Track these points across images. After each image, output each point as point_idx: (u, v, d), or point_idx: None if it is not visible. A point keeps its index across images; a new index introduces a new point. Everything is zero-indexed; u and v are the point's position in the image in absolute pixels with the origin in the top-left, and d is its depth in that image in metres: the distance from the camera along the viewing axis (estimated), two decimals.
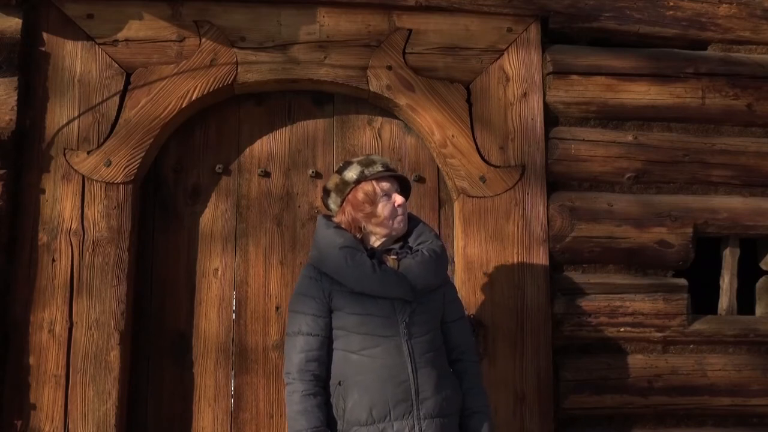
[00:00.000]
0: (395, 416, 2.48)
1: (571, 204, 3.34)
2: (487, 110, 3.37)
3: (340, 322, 2.57)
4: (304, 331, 2.56)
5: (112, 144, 3.15)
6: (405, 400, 2.49)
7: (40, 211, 3.10)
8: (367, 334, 2.54)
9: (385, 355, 2.52)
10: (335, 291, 2.58)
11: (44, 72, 3.18)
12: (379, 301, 2.56)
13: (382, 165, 2.68)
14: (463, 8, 3.38)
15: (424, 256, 2.64)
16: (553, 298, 3.28)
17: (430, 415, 2.50)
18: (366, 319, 2.55)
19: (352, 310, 2.56)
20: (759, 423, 3.36)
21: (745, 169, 3.46)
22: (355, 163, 2.69)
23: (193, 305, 3.24)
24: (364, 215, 2.63)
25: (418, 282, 2.59)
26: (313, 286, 2.60)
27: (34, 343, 3.01)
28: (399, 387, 2.50)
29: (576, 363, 3.26)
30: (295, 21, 3.31)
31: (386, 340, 2.53)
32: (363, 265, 2.56)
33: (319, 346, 2.56)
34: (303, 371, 2.53)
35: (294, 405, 2.51)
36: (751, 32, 3.56)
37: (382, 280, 2.56)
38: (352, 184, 2.65)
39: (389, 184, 2.66)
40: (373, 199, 2.62)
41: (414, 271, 2.60)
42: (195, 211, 3.30)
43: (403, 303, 2.57)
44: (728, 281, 3.45)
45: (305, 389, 2.52)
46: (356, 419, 2.49)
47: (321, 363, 2.55)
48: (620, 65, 3.44)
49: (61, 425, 2.98)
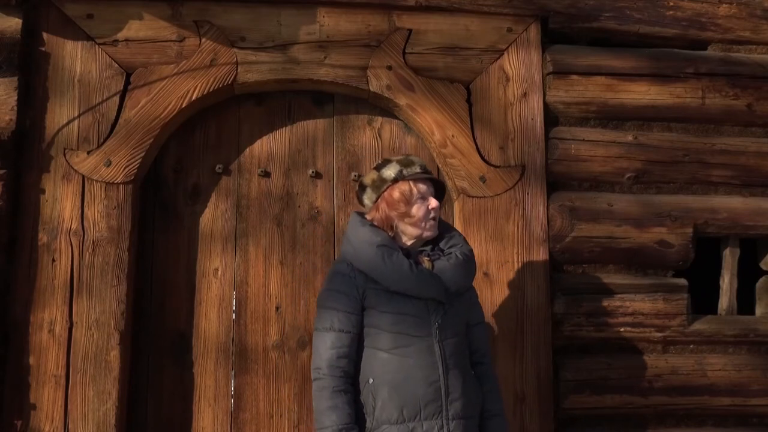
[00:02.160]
0: (425, 416, 2.50)
1: (571, 204, 3.34)
2: (487, 110, 3.37)
3: (372, 320, 2.58)
4: (336, 327, 2.56)
5: (112, 144, 3.15)
6: (435, 400, 2.51)
7: (40, 211, 3.09)
8: (400, 333, 2.55)
9: (418, 354, 2.54)
10: (369, 289, 2.59)
11: (44, 72, 3.18)
12: (413, 301, 2.58)
13: (420, 167, 2.71)
14: (463, 8, 3.38)
15: (458, 259, 2.67)
16: (553, 298, 3.28)
17: (458, 416, 2.53)
18: (400, 318, 2.56)
19: (386, 309, 2.57)
20: (759, 423, 3.36)
21: (745, 169, 3.46)
22: (394, 162, 2.72)
23: (193, 305, 3.24)
24: (398, 214, 2.65)
25: (452, 284, 2.62)
26: (347, 283, 2.60)
27: (34, 343, 3.01)
28: (430, 387, 2.52)
29: (576, 363, 3.26)
30: (295, 21, 3.31)
31: (419, 340, 2.55)
32: (401, 264, 2.57)
33: (350, 343, 2.56)
34: (334, 367, 2.54)
35: (324, 401, 2.52)
36: (751, 32, 3.56)
37: (419, 280, 2.58)
38: (389, 182, 2.68)
39: (426, 186, 2.68)
40: (409, 199, 2.65)
41: (448, 273, 2.63)
42: (195, 211, 3.30)
43: (436, 304, 2.60)
44: (728, 281, 3.45)
45: (336, 385, 2.52)
46: (387, 418, 2.50)
47: (351, 360, 2.57)
48: (620, 65, 3.44)
49: (61, 425, 2.98)
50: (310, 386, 3.16)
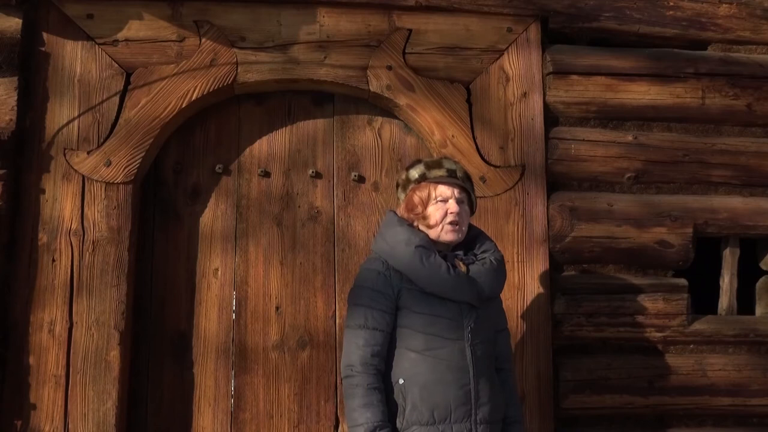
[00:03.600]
0: (455, 419, 2.50)
1: (571, 204, 3.34)
2: (487, 110, 3.37)
3: (406, 321, 2.57)
4: (370, 325, 2.55)
5: (112, 144, 3.15)
6: (465, 403, 2.51)
7: (40, 211, 3.09)
8: (433, 335, 2.55)
9: (450, 357, 2.54)
10: (405, 289, 2.58)
11: (44, 72, 3.17)
12: (448, 304, 2.58)
13: (447, 170, 2.67)
14: (463, 8, 3.38)
15: (492, 265, 2.68)
16: (553, 298, 3.27)
17: (485, 420, 2.53)
18: (434, 320, 2.56)
19: (421, 310, 2.57)
20: (759, 423, 3.36)
21: (745, 169, 3.46)
22: (422, 163, 2.72)
23: (193, 305, 3.24)
24: (415, 215, 2.66)
25: (486, 288, 2.63)
26: (382, 281, 2.59)
27: (34, 343, 3.01)
28: (461, 390, 2.52)
29: (576, 363, 3.26)
30: (295, 21, 3.31)
31: (452, 342, 2.55)
32: (439, 266, 2.56)
33: (383, 342, 2.55)
34: (368, 365, 2.52)
35: (358, 398, 2.49)
36: (751, 32, 3.56)
37: (456, 283, 2.57)
38: (412, 183, 2.68)
39: (450, 190, 2.65)
40: (426, 201, 2.64)
41: (483, 277, 2.63)
42: (195, 211, 3.30)
43: (470, 308, 2.60)
44: (728, 281, 3.45)
45: (370, 383, 2.50)
46: (417, 419, 2.50)
47: (383, 359, 2.56)
48: (620, 65, 3.44)
49: (61, 425, 2.98)
50: (310, 386, 3.19)
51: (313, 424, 3.18)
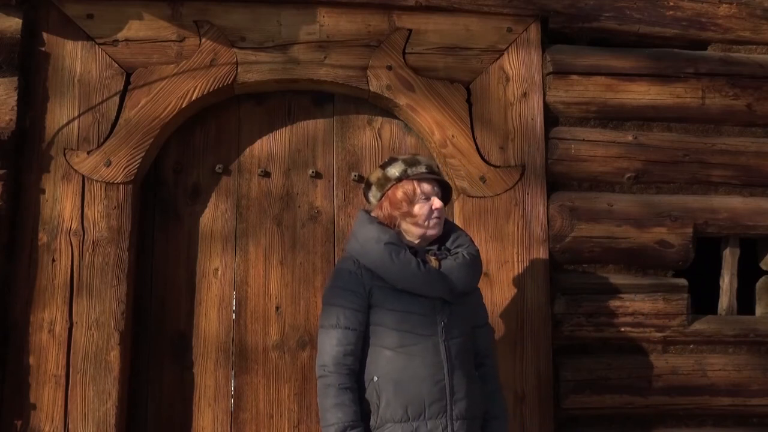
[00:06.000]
0: (429, 415, 2.50)
1: (571, 204, 3.34)
2: (487, 110, 3.37)
3: (378, 318, 2.58)
4: (342, 324, 2.56)
5: (112, 144, 3.15)
6: (440, 399, 2.51)
7: (40, 211, 3.09)
8: (406, 332, 2.55)
9: (424, 353, 2.54)
10: (376, 286, 2.59)
11: (44, 72, 3.17)
12: (420, 300, 2.58)
13: (426, 167, 2.70)
14: (463, 8, 3.38)
15: (465, 259, 2.67)
16: (553, 298, 3.27)
17: (462, 416, 2.52)
18: (406, 317, 2.56)
19: (393, 307, 2.57)
20: (759, 423, 3.36)
21: (745, 169, 3.46)
22: (400, 161, 2.72)
23: (193, 305, 3.24)
24: (400, 213, 2.66)
25: (459, 283, 2.63)
26: (353, 280, 2.60)
27: (34, 343, 3.01)
28: (435, 386, 2.52)
29: (576, 363, 3.25)
30: (295, 21, 3.31)
31: (425, 338, 2.55)
32: (408, 262, 2.57)
33: (356, 341, 2.56)
34: (340, 365, 2.53)
35: (330, 398, 2.50)
36: (751, 32, 3.56)
37: (426, 278, 2.58)
38: (393, 181, 2.68)
39: (430, 186, 2.68)
40: (412, 198, 2.65)
41: (455, 272, 2.63)
42: (195, 211, 3.30)
43: (443, 303, 2.60)
44: (728, 281, 3.45)
45: (342, 383, 2.51)
46: (391, 416, 2.50)
47: (356, 358, 2.56)
48: (620, 65, 3.44)
49: (61, 425, 2.98)
50: (310, 386, 3.19)
51: (313, 424, 3.18)
